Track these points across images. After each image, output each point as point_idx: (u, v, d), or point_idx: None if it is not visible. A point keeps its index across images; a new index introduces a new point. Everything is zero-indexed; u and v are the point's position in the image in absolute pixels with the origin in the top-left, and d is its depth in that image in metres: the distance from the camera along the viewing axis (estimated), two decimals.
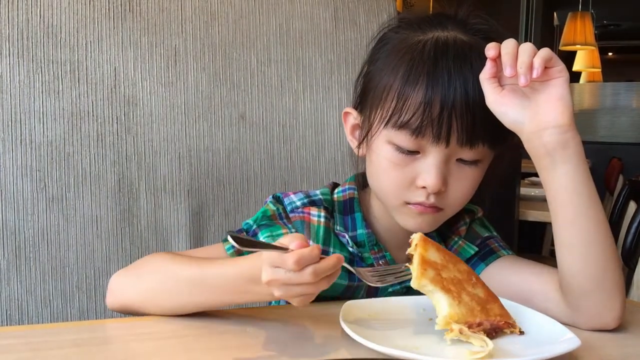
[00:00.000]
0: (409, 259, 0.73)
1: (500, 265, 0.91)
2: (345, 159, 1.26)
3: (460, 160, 0.82)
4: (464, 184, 0.83)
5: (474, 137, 0.79)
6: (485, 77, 0.77)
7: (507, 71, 0.74)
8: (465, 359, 0.67)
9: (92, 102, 1.09)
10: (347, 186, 0.95)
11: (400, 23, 0.89)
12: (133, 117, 1.11)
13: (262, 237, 0.89)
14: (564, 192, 0.76)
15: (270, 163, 1.22)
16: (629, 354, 0.72)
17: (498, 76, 0.77)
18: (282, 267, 0.66)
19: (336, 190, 0.96)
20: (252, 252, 0.86)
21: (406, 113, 0.79)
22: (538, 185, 3.26)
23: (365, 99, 0.88)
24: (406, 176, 0.82)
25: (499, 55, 0.76)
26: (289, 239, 0.68)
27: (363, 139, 0.87)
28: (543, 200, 2.91)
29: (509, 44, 0.76)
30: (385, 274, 0.76)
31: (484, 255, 0.93)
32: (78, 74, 1.08)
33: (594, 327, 0.78)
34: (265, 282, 0.68)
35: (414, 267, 0.72)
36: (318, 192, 0.95)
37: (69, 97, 1.07)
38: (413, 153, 0.81)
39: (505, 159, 0.88)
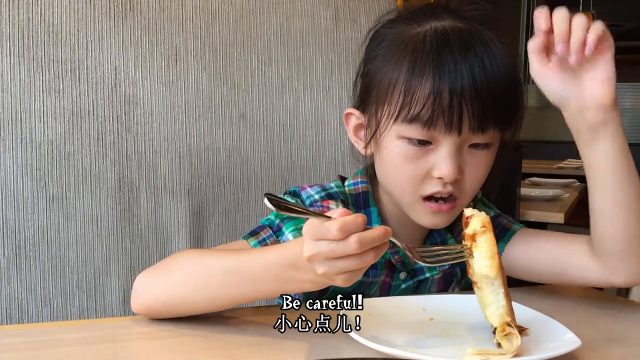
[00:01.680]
0: (463, 239, 0.70)
1: (520, 240, 0.93)
2: (345, 158, 1.26)
3: (472, 145, 0.82)
4: (478, 169, 0.84)
5: (485, 122, 0.79)
6: (533, 49, 0.77)
7: (560, 47, 0.74)
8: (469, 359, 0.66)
9: (93, 101, 1.09)
10: (358, 179, 0.94)
11: (393, 18, 0.89)
12: (133, 116, 1.11)
13: (287, 231, 0.87)
14: (605, 164, 0.80)
15: (271, 162, 1.22)
16: (628, 354, 0.72)
17: (546, 46, 0.77)
18: (324, 237, 0.61)
19: (347, 183, 0.95)
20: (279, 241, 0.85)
21: (416, 105, 0.78)
22: (538, 185, 3.27)
23: (368, 98, 0.87)
24: (421, 169, 0.82)
25: (551, 27, 0.75)
26: (330, 212, 0.64)
27: (371, 138, 0.86)
28: (543, 200, 2.91)
29: (561, 17, 0.74)
30: (439, 253, 0.72)
31: (499, 235, 0.95)
32: (78, 73, 1.08)
33: (633, 283, 0.85)
34: (307, 257, 0.63)
35: (486, 251, 0.66)
36: (332, 184, 0.94)
37: (70, 96, 1.07)
38: (425, 144, 0.81)
39: (508, 146, 0.88)
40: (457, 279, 0.98)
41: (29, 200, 1.04)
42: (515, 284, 1.05)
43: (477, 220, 0.69)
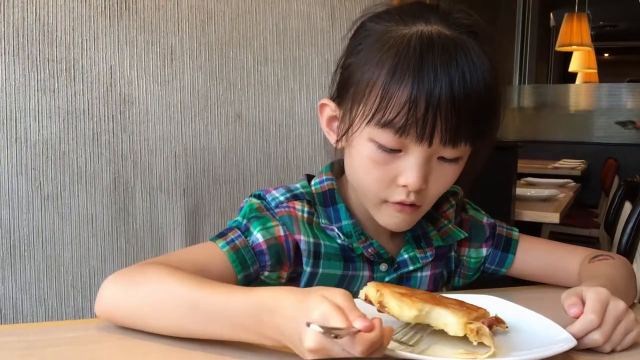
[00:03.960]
0: (379, 310, 0.71)
1: (523, 248, 0.99)
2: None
3: (441, 158, 0.82)
4: (443, 181, 0.84)
5: (457, 137, 0.79)
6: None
7: (596, 338, 0.71)
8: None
9: (88, 101, 1.08)
10: (324, 177, 0.94)
11: (380, 13, 0.86)
12: (129, 116, 1.11)
13: (255, 230, 0.86)
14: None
15: (267, 162, 1.22)
16: (623, 354, 0.73)
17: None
18: (343, 347, 0.58)
19: (313, 182, 0.94)
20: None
21: (391, 111, 0.77)
22: (534, 185, 3.27)
23: (345, 93, 0.85)
24: (387, 174, 0.82)
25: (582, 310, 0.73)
26: (352, 314, 0.59)
27: (343, 135, 0.85)
28: (539, 200, 2.91)
29: (596, 310, 0.72)
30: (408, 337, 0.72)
31: (505, 247, 0.99)
32: (74, 73, 1.08)
33: None
34: (309, 348, 0.59)
35: (396, 306, 0.69)
36: (298, 185, 0.93)
37: (65, 96, 1.07)
38: (395, 151, 0.80)
39: (482, 154, 0.87)
40: (444, 281, 0.99)
41: (23, 200, 1.04)
42: (511, 284, 1.05)
43: (369, 293, 0.72)
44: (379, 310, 0.71)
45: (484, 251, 0.99)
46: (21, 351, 0.69)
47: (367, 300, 0.73)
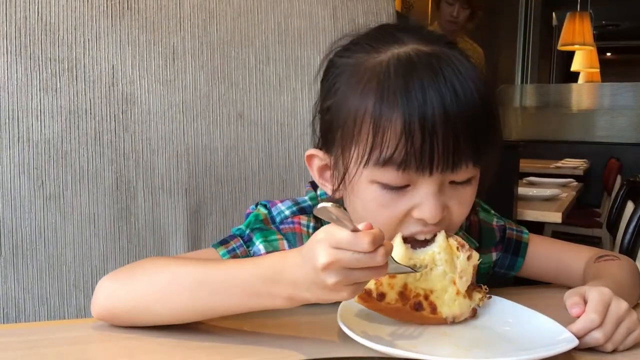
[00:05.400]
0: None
1: (531, 249, 0.98)
2: None
3: (452, 182, 0.76)
4: (463, 204, 0.78)
5: (458, 160, 0.73)
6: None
7: (597, 337, 0.71)
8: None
9: (90, 100, 1.08)
10: None
11: (347, 46, 0.80)
12: (131, 115, 1.11)
13: (257, 242, 0.84)
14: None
15: (269, 162, 1.22)
16: (625, 353, 0.73)
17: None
18: (352, 248, 0.60)
19: (320, 192, 0.90)
20: (248, 256, 0.83)
21: (387, 147, 0.71)
22: (536, 185, 3.27)
23: (332, 137, 0.78)
24: (399, 212, 0.75)
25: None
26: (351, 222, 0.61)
27: (340, 184, 0.78)
28: (540, 200, 2.90)
29: (598, 309, 0.71)
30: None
31: (515, 250, 0.98)
32: (76, 72, 1.08)
33: None
34: (323, 264, 0.60)
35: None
36: (306, 197, 0.89)
37: (67, 95, 1.07)
38: (402, 187, 0.74)
39: (490, 171, 0.82)
40: None
41: (26, 199, 1.04)
42: (514, 283, 1.05)
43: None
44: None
45: (494, 255, 0.99)
46: (23, 351, 0.69)
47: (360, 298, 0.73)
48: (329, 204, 0.59)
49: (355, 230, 0.61)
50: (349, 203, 0.81)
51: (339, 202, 0.83)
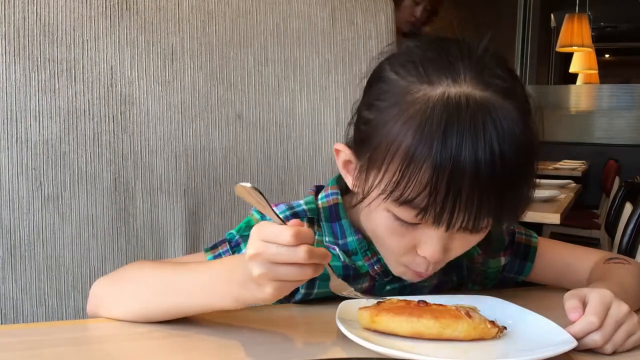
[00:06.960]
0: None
1: (539, 253, 0.98)
2: None
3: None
4: (464, 248, 0.80)
5: (478, 222, 0.72)
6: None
7: (596, 339, 0.71)
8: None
9: (89, 101, 1.08)
10: (329, 191, 0.90)
11: (402, 60, 0.77)
12: (129, 116, 1.11)
13: (244, 248, 0.83)
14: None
15: (267, 163, 1.22)
16: (625, 354, 0.73)
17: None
18: (275, 240, 0.62)
19: (320, 196, 0.90)
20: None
21: (410, 191, 0.70)
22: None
23: (363, 150, 0.78)
24: (406, 242, 0.77)
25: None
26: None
27: (362, 199, 0.78)
28: (539, 201, 2.90)
29: (598, 312, 0.71)
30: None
31: (524, 254, 0.98)
32: (74, 73, 1.08)
33: None
34: (249, 255, 0.63)
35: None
36: (302, 202, 0.90)
37: (65, 96, 1.07)
38: (414, 224, 0.75)
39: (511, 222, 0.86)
40: (453, 285, 0.97)
41: (24, 200, 1.04)
42: (514, 285, 1.05)
43: None
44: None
45: (503, 260, 0.98)
46: (22, 352, 0.69)
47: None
48: (248, 184, 0.63)
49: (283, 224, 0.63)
50: (363, 211, 0.82)
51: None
